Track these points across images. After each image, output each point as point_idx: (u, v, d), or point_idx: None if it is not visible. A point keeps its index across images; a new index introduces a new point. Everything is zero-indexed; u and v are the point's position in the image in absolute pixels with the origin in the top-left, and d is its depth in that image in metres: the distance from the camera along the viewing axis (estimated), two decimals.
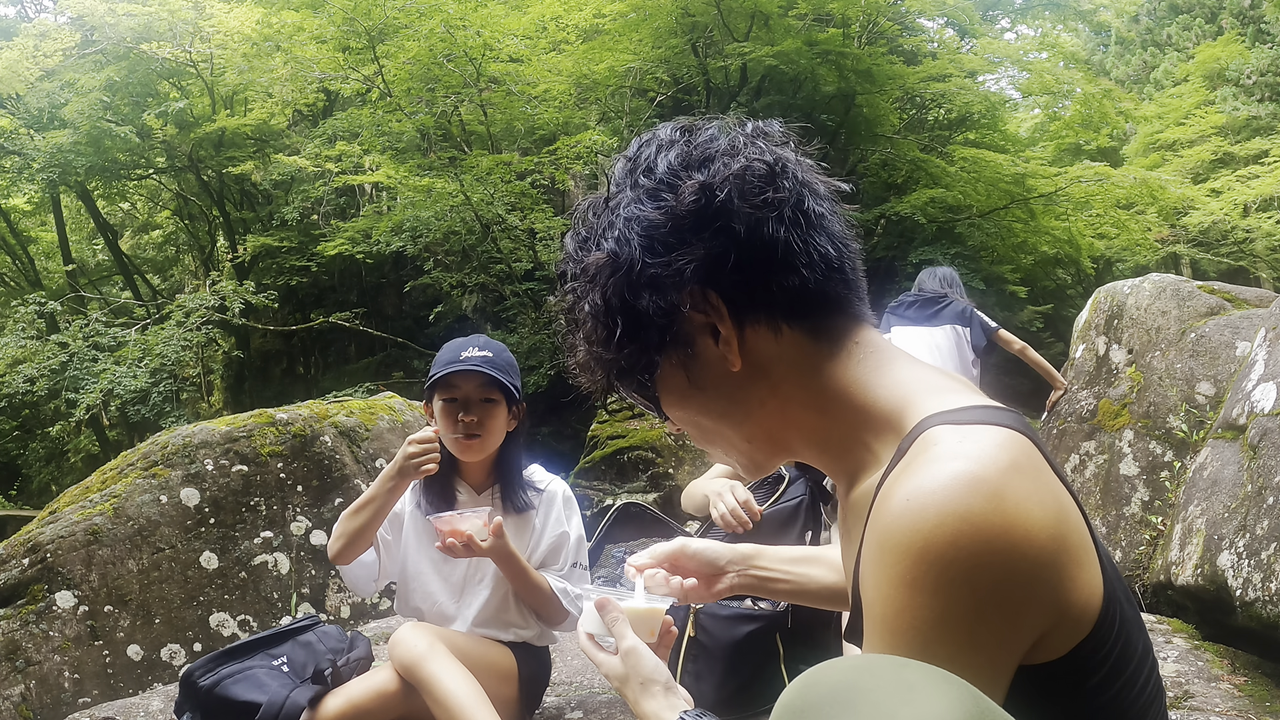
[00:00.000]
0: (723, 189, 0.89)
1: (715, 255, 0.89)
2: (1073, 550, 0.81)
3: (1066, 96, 14.32)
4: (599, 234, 0.95)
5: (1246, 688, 2.53)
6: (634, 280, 0.91)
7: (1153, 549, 3.43)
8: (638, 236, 0.91)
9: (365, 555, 2.28)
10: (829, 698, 0.67)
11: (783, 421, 0.96)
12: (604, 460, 6.00)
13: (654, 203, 0.91)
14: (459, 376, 2.23)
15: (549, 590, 2.23)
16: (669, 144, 0.95)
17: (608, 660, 1.18)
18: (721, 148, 0.93)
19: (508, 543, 2.14)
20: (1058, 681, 0.82)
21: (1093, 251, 13.57)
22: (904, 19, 12.63)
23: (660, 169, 0.93)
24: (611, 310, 0.93)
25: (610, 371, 0.98)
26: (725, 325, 0.91)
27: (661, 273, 0.90)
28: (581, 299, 0.96)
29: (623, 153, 0.99)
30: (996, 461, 0.78)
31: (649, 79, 11.20)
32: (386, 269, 12.96)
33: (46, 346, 10.16)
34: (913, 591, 0.77)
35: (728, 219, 0.89)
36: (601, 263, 0.93)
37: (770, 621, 2.35)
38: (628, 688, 1.13)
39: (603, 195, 0.98)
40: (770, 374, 0.93)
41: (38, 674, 2.92)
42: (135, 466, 3.40)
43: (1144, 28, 17.11)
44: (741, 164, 0.90)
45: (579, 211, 1.00)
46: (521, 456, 2.39)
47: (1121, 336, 4.00)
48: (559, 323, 1.04)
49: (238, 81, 11.74)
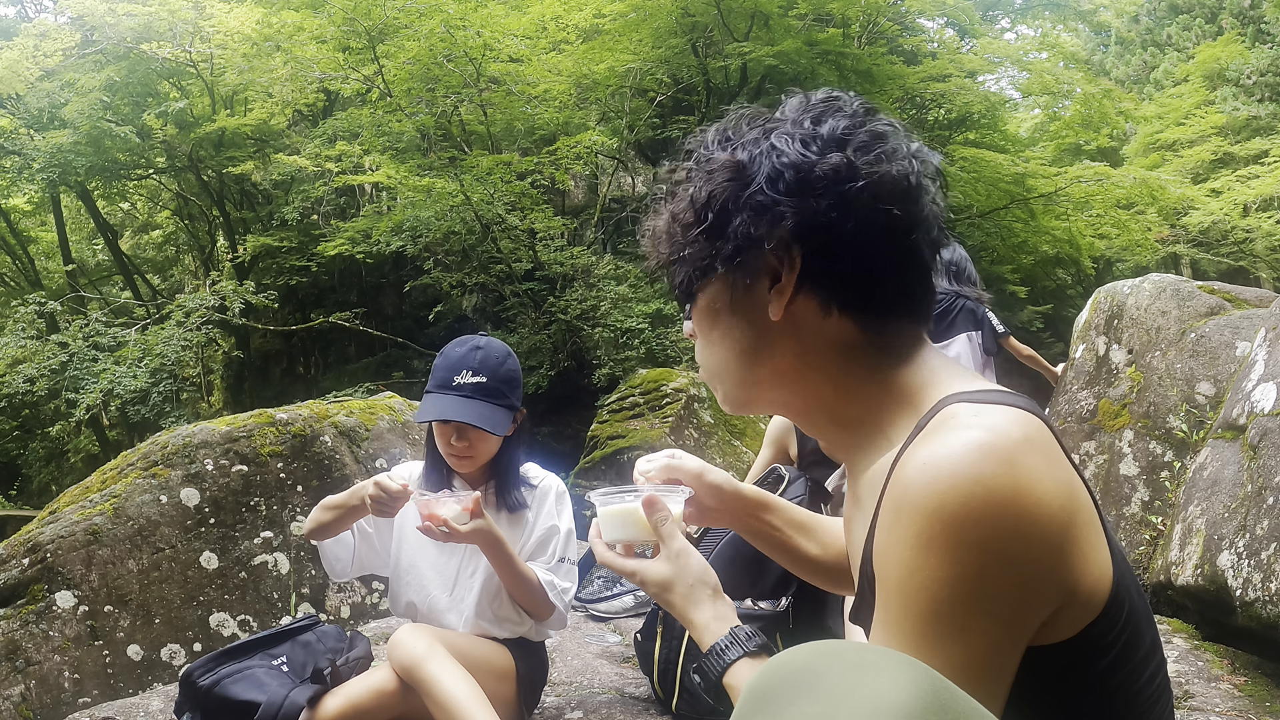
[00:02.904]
0: (862, 180, 0.92)
1: (822, 224, 0.92)
2: (1082, 527, 0.83)
3: (1066, 96, 14.33)
4: (741, 141, 0.98)
5: (1246, 688, 2.53)
6: (742, 196, 0.95)
7: (1153, 549, 3.42)
8: (771, 165, 0.94)
9: (344, 535, 2.29)
10: (791, 679, 0.69)
11: (795, 382, 0.99)
12: (604, 460, 6.00)
13: (801, 147, 0.94)
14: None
15: (536, 581, 2.21)
16: (849, 114, 0.97)
17: (645, 565, 1.13)
18: (887, 146, 0.95)
19: (491, 526, 2.10)
20: (1066, 664, 0.84)
21: (1093, 251, 13.58)
22: (904, 19, 12.64)
23: (825, 127, 0.95)
24: (709, 207, 0.97)
25: (674, 252, 1.02)
26: (788, 279, 0.95)
27: (768, 205, 0.93)
28: (692, 181, 1.00)
29: (808, 93, 1.02)
30: (1010, 433, 0.82)
31: (649, 79, 11.20)
32: (386, 269, 12.96)
33: (46, 346, 10.16)
34: (927, 552, 0.79)
35: (848, 206, 0.92)
36: (728, 164, 0.97)
37: (770, 621, 2.35)
38: (673, 594, 1.10)
39: (763, 113, 1.02)
40: (802, 339, 0.97)
41: (38, 674, 2.92)
42: (135, 466, 3.40)
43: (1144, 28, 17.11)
44: (893, 171, 0.93)
45: (734, 114, 1.03)
46: (519, 459, 2.38)
47: (1121, 336, 4.00)
48: (661, 188, 1.07)
49: (238, 81, 11.74)
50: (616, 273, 10.48)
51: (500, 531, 2.15)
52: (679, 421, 6.03)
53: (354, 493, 2.18)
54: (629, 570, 1.15)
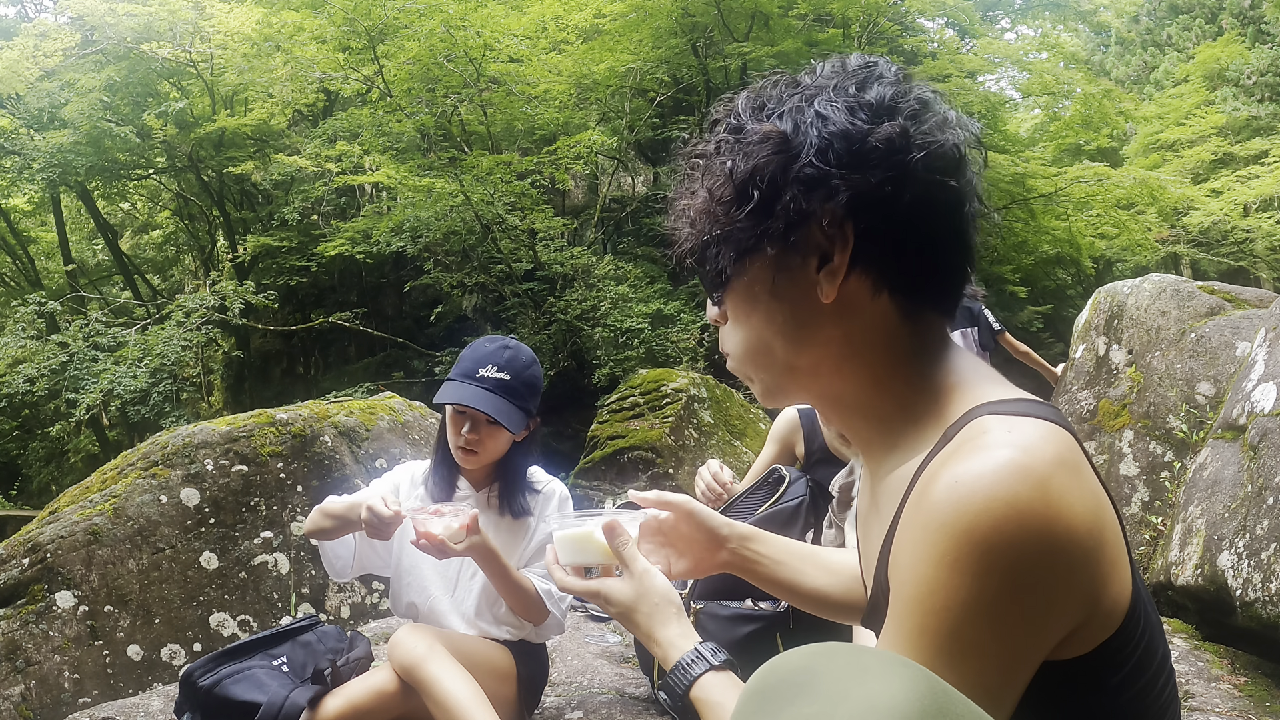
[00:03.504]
0: (919, 149, 0.87)
1: (877, 198, 0.87)
2: (1108, 548, 0.82)
3: (1066, 96, 14.32)
4: (780, 109, 0.92)
5: (1246, 688, 2.53)
6: (791, 169, 0.89)
7: (1153, 549, 3.42)
8: (818, 135, 0.88)
9: (346, 536, 2.28)
10: (788, 680, 0.68)
11: (834, 373, 0.95)
12: (604, 460, 5.99)
13: (850, 116, 0.88)
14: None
15: (532, 590, 2.21)
16: (892, 80, 0.92)
17: (608, 584, 1.12)
18: (935, 116, 0.91)
19: (486, 541, 2.10)
20: (1082, 678, 0.83)
21: (1093, 251, 13.59)
22: (904, 19, 12.63)
23: (872, 93, 0.90)
24: (753, 182, 0.90)
25: (714, 230, 0.95)
26: (841, 258, 0.90)
27: (819, 179, 0.88)
28: (726, 155, 0.93)
29: (835, 56, 0.97)
30: (1043, 453, 0.79)
31: (649, 79, 11.20)
32: (386, 269, 12.96)
33: (46, 346, 10.16)
34: (952, 572, 0.78)
35: (906, 175, 0.87)
36: (770, 135, 0.90)
37: (770, 621, 2.34)
38: (637, 613, 1.09)
39: (793, 77, 0.95)
40: (848, 323, 0.92)
41: (38, 674, 2.92)
42: (135, 466, 3.40)
43: (1144, 28, 17.11)
44: (947, 138, 0.90)
45: (766, 81, 0.96)
46: (527, 464, 2.37)
47: (1121, 337, 4.00)
48: (686, 161, 1.00)
49: (238, 81, 11.75)
50: (616, 273, 10.49)
51: (495, 546, 2.14)
52: (679, 422, 6.03)
53: (351, 508, 2.14)
54: (591, 591, 1.13)
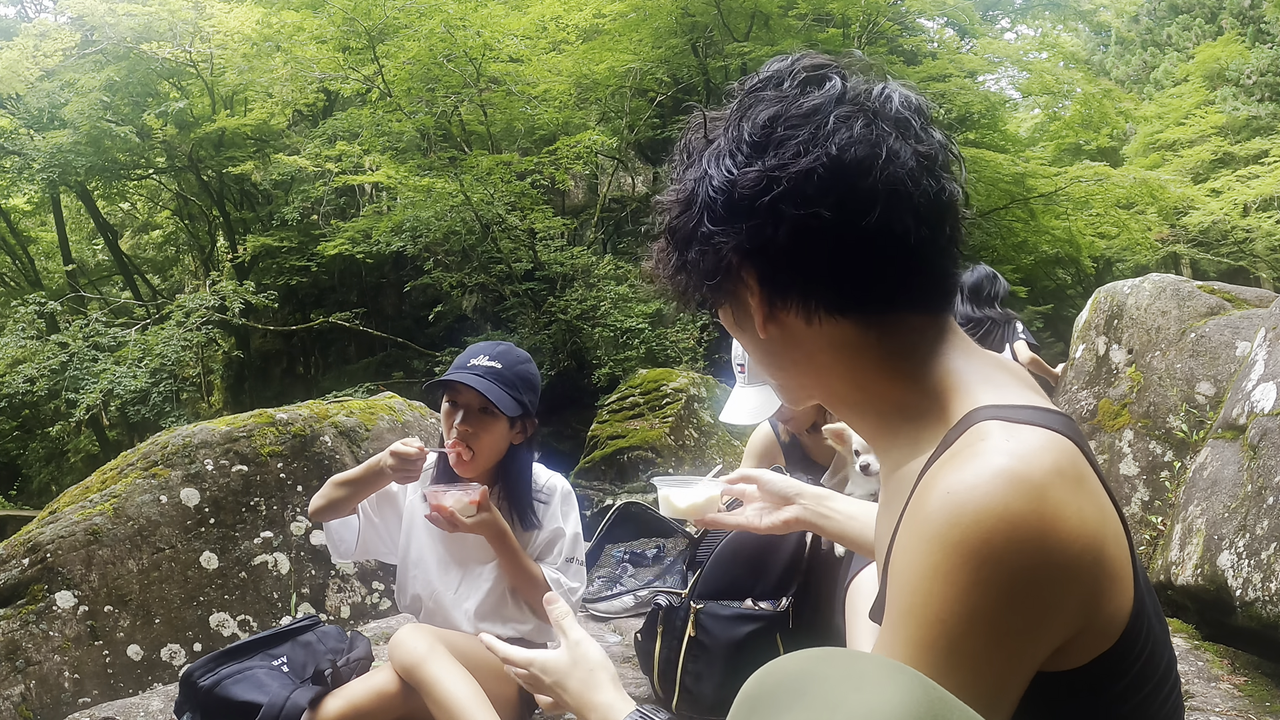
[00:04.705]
0: (782, 182, 0.87)
1: (759, 242, 0.89)
2: (1108, 563, 0.80)
3: (1066, 96, 14.33)
4: (692, 160, 0.95)
5: (1246, 688, 2.53)
6: (695, 231, 0.92)
7: (1153, 549, 3.42)
8: (706, 194, 0.91)
9: (350, 518, 2.31)
10: (783, 685, 0.68)
11: (818, 382, 0.97)
12: (604, 460, 5.99)
13: (729, 163, 0.90)
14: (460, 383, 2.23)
15: (541, 577, 2.22)
16: (780, 97, 0.90)
17: (540, 654, 1.15)
18: (813, 129, 0.87)
19: (497, 518, 2.14)
20: (1075, 690, 0.82)
21: (1093, 251, 13.59)
22: (904, 19, 12.64)
23: (749, 125, 0.90)
24: (674, 241, 0.96)
25: (665, 278, 1.00)
26: (755, 300, 0.93)
27: (709, 235, 0.91)
28: (665, 210, 0.98)
29: (767, 65, 0.95)
30: (1040, 463, 0.78)
31: (649, 79, 11.21)
32: (386, 269, 12.97)
33: (46, 346, 10.16)
34: (944, 584, 0.77)
35: (776, 217, 0.87)
36: (681, 197, 0.95)
37: (770, 621, 2.34)
38: (570, 679, 1.12)
39: (715, 118, 0.95)
40: (807, 344, 0.93)
41: (38, 674, 2.92)
42: (135, 466, 3.40)
43: (1144, 28, 17.11)
44: (813, 158, 0.86)
45: (702, 118, 0.96)
46: (529, 471, 2.35)
47: (1121, 336, 4.00)
48: (658, 200, 1.02)
49: (238, 81, 11.75)
50: (616, 273, 10.49)
51: (506, 524, 2.17)
52: (679, 421, 6.03)
53: (369, 466, 2.18)
54: (524, 660, 1.16)
